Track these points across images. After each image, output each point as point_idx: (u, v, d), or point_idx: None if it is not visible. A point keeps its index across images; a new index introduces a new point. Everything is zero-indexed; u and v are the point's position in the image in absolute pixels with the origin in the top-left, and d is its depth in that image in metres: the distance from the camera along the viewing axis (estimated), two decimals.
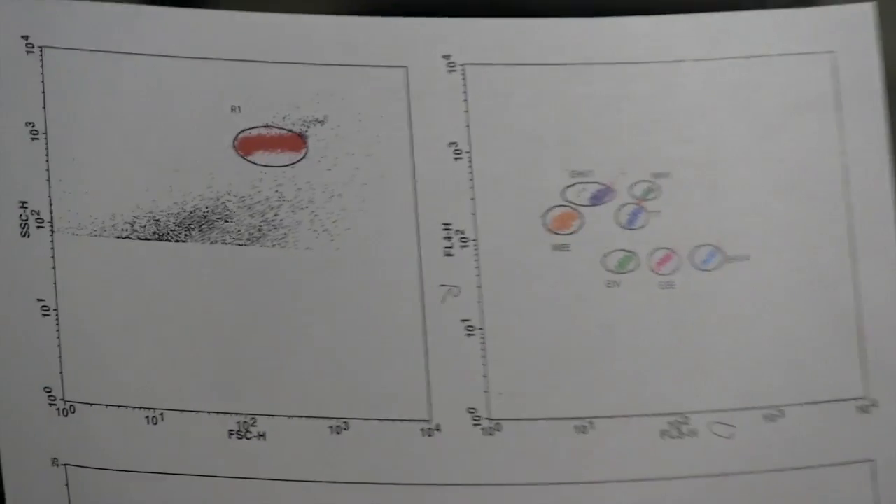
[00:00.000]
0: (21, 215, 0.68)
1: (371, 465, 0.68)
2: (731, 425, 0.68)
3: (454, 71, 0.71)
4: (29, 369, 0.66)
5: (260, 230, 0.68)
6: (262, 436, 0.67)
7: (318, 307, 0.68)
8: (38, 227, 0.68)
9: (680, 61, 0.73)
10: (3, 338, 0.67)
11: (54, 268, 0.67)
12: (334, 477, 0.68)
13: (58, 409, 0.67)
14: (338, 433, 0.67)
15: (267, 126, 0.68)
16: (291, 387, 0.68)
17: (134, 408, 0.67)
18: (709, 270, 0.70)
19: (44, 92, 0.69)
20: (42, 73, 0.69)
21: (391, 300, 0.68)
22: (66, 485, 0.67)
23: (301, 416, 0.68)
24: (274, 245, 0.68)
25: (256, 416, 0.68)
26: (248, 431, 0.68)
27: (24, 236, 0.67)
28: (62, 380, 0.67)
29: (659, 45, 0.72)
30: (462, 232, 0.69)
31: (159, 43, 0.70)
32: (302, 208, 0.68)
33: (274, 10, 0.71)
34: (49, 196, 0.67)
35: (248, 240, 0.68)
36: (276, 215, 0.68)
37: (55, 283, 0.67)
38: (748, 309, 0.72)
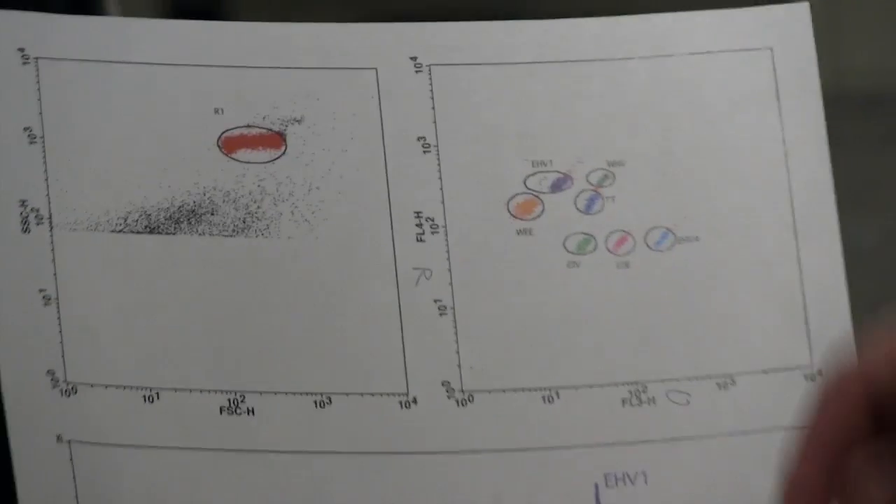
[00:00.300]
0: (21, 213, 0.70)
1: (353, 436, 0.70)
2: (687, 393, 0.70)
3: (421, 71, 0.73)
4: (33, 354, 0.69)
5: (244, 222, 0.70)
6: (251, 411, 0.70)
7: (301, 291, 0.70)
8: (38, 223, 0.70)
9: (629, 59, 0.75)
10: (9, 326, 0.69)
11: (54, 260, 0.70)
12: (319, 447, 0.70)
13: (61, 391, 0.69)
14: (322, 407, 0.70)
15: (248, 126, 0.71)
16: (277, 365, 0.70)
17: (132, 387, 0.69)
18: (661, 251, 0.73)
19: (40, 99, 0.71)
20: (38, 82, 0.71)
21: (368, 283, 0.71)
22: (70, 459, 0.69)
23: (287, 393, 0.70)
24: (258, 235, 0.70)
25: (245, 393, 0.70)
26: (237, 407, 0.70)
27: (24, 232, 0.70)
28: (64, 363, 0.69)
29: (609, 45, 0.75)
30: (432, 219, 0.72)
31: (147, 52, 0.72)
32: (283, 201, 0.70)
33: (260, 19, 0.74)
34: (47, 195, 0.70)
35: (233, 231, 0.70)
36: (258, 208, 0.70)
37: (55, 275, 0.70)
38: (699, 286, 0.75)
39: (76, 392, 0.70)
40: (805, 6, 0.76)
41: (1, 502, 0.73)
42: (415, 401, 0.71)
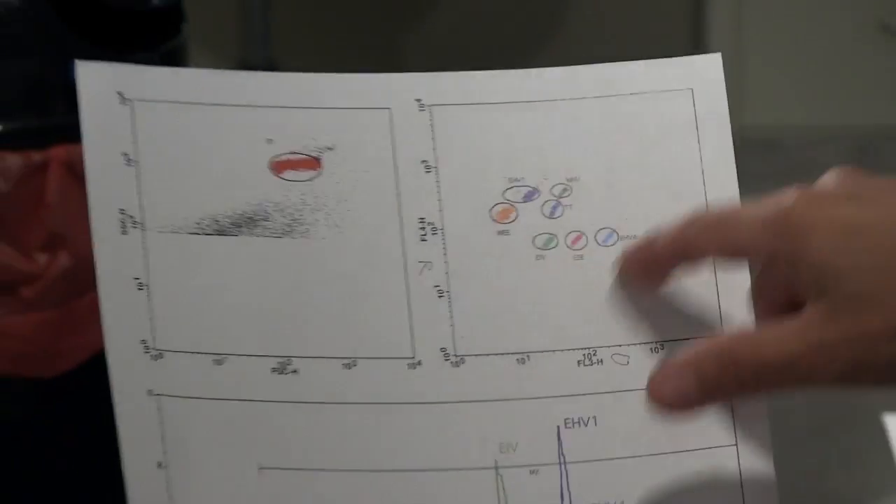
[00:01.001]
0: (120, 219, 0.76)
1: (373, 391, 0.76)
2: (627, 355, 0.76)
3: (423, 110, 0.78)
4: (129, 328, 0.75)
5: (289, 226, 0.76)
6: (295, 371, 0.76)
7: (332, 279, 0.76)
8: (133, 227, 0.76)
9: (583, 98, 0.80)
10: (111, 307, 0.75)
11: (145, 256, 0.76)
12: (347, 400, 0.76)
13: (150, 356, 0.75)
14: (349, 368, 0.76)
15: (293, 153, 0.77)
16: (315, 335, 0.76)
17: (204, 353, 0.76)
18: (608, 247, 0.78)
19: (134, 131, 0.77)
20: (133, 118, 0.77)
21: (384, 273, 0.77)
22: (158, 408, 0.75)
23: (322, 357, 0.76)
24: (300, 236, 0.76)
25: (291, 357, 0.76)
26: (284, 369, 0.76)
27: (123, 234, 0.76)
28: (153, 334, 0.75)
29: (568, 88, 0.80)
30: (432, 224, 0.77)
31: (214, 95, 0.78)
32: (319, 210, 0.76)
33: (301, 70, 0.80)
34: (140, 205, 0.76)
35: (281, 233, 0.76)
36: (301, 216, 0.76)
37: (146, 267, 0.76)
38: None
39: (162, 357, 0.76)
40: (718, 56, 0.81)
41: (108, 442, 0.76)
42: (419, 363, 0.76)
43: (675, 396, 0.70)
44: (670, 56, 0.86)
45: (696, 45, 2.72)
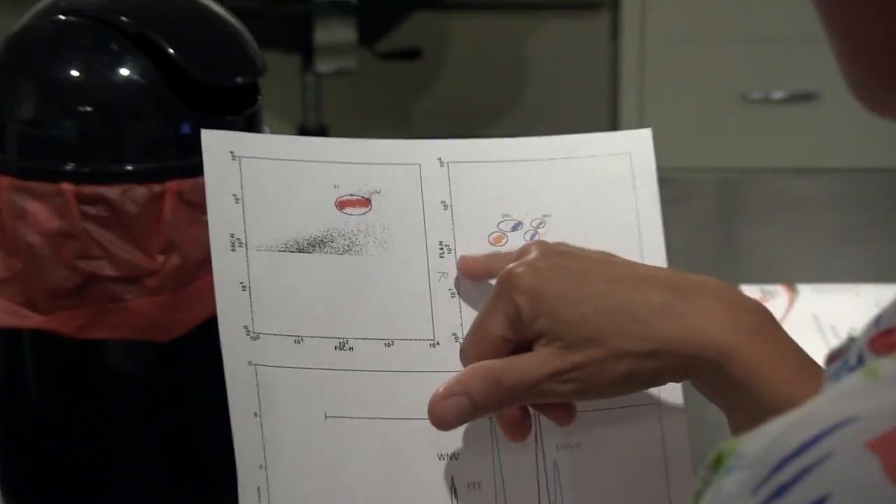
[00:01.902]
0: (231, 240, 0.76)
1: (405, 363, 0.76)
2: None
3: (443, 166, 0.79)
4: (236, 317, 0.75)
5: (348, 247, 0.77)
6: (351, 349, 0.76)
7: (377, 286, 0.77)
8: (239, 246, 0.76)
9: (553, 159, 0.81)
10: (224, 302, 0.75)
11: (247, 267, 0.76)
12: (387, 368, 0.76)
13: (251, 337, 0.75)
14: (389, 347, 0.76)
15: (351, 194, 0.78)
16: (365, 324, 0.77)
17: (288, 335, 0.76)
18: None
19: (241, 178, 0.77)
20: (240, 170, 0.77)
21: (414, 281, 0.78)
22: (255, 374, 0.75)
23: (370, 339, 0.77)
24: (355, 254, 0.77)
25: (348, 339, 0.76)
26: (343, 347, 0.76)
27: (232, 251, 0.76)
28: (252, 321, 0.75)
29: (542, 151, 0.81)
30: (448, 246, 0.78)
31: (298, 154, 0.79)
32: (369, 235, 0.77)
33: (343, 130, 0.84)
34: (244, 230, 0.76)
35: (342, 252, 0.77)
36: (356, 239, 0.77)
37: (248, 274, 0.76)
38: None
39: (258, 338, 0.76)
40: (649, 131, 0.81)
41: (219, 401, 0.75)
42: (438, 343, 0.77)
43: (453, 415, 0.71)
44: (597, 127, 0.89)
45: (613, 121, 2.73)
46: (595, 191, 0.79)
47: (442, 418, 0.70)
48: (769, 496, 0.42)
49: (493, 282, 0.75)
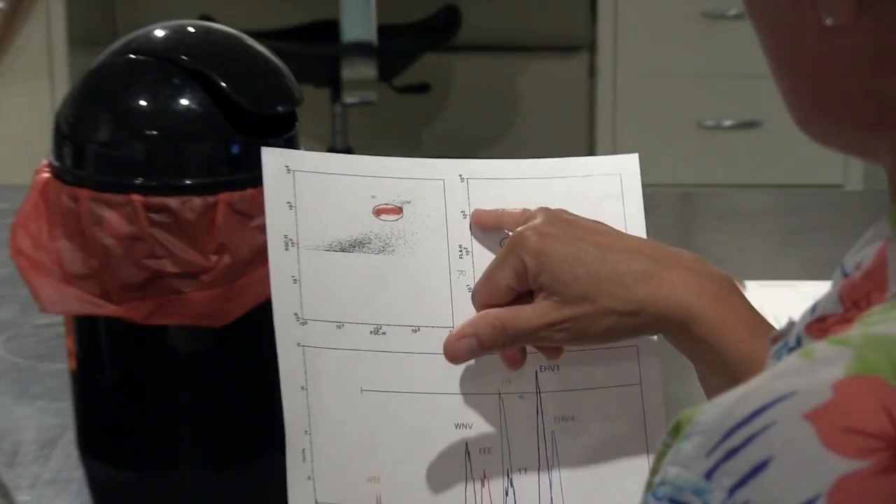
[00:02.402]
0: (284, 241, 0.75)
1: (429, 346, 0.74)
2: None
3: (463, 181, 0.77)
4: (288, 305, 0.73)
5: (383, 248, 0.75)
6: (384, 333, 0.74)
7: (407, 281, 0.76)
8: (291, 246, 0.74)
9: (555, 178, 0.79)
10: (278, 292, 0.73)
11: (298, 263, 0.74)
12: (414, 350, 0.75)
13: (300, 322, 0.74)
14: (415, 332, 0.75)
15: (386, 203, 0.76)
16: (396, 313, 0.75)
17: (330, 321, 0.74)
18: None
19: (294, 188, 0.75)
20: (294, 181, 0.76)
21: (437, 277, 0.76)
22: (303, 354, 0.74)
23: (400, 325, 0.75)
24: (389, 254, 0.76)
25: (382, 325, 0.75)
26: (378, 332, 0.75)
27: (286, 250, 0.74)
28: (302, 309, 0.74)
29: (545, 171, 0.80)
30: (466, 248, 0.76)
31: (341, 168, 0.77)
32: (400, 238, 0.76)
33: (388, 154, 0.80)
34: (296, 233, 0.74)
35: (377, 252, 0.75)
36: (390, 241, 0.75)
37: (299, 270, 0.74)
38: None
39: (306, 323, 0.75)
40: (636, 156, 0.80)
41: (264, 376, 0.76)
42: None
43: (464, 352, 0.70)
44: (576, 150, 0.91)
45: (590, 146, 2.72)
46: (590, 204, 0.78)
47: (454, 354, 0.71)
48: (721, 458, 0.42)
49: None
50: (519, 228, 0.71)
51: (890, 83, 0.48)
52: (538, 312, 0.69)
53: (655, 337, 0.75)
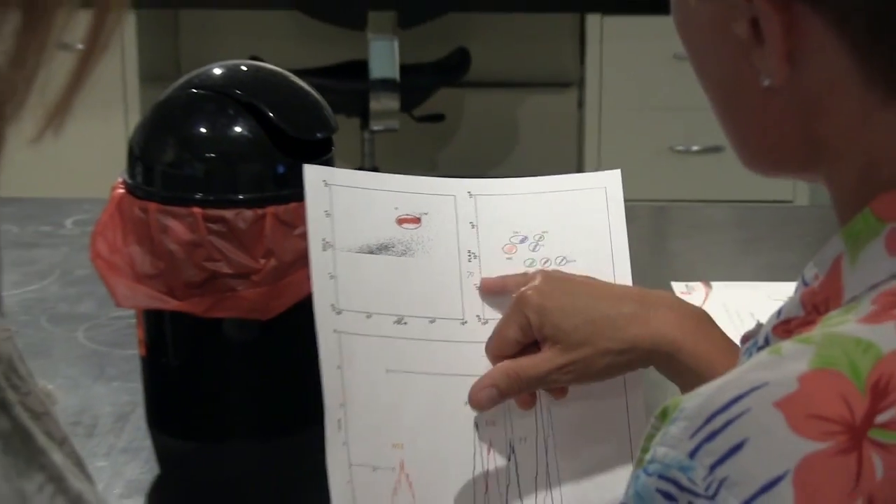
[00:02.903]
0: (323, 244, 0.73)
1: (443, 335, 0.73)
2: None
3: (472, 197, 0.75)
4: (326, 297, 0.72)
5: (404, 251, 0.74)
6: (405, 323, 0.73)
7: (425, 279, 0.74)
8: (329, 248, 0.72)
9: (550, 192, 0.77)
10: (318, 286, 0.71)
11: (334, 263, 0.72)
12: (430, 338, 0.74)
13: (335, 312, 0.72)
14: (432, 323, 0.73)
15: (407, 214, 0.74)
16: (416, 305, 0.74)
17: (360, 312, 0.73)
18: (563, 266, 0.74)
19: (331, 200, 0.74)
20: (330, 193, 0.74)
21: (449, 277, 0.74)
22: (338, 339, 0.72)
23: (419, 317, 0.74)
24: (409, 256, 0.74)
25: (404, 316, 0.73)
26: (400, 322, 0.73)
27: (324, 251, 0.72)
28: (337, 300, 0.72)
29: (542, 187, 0.78)
30: (474, 253, 0.75)
31: (370, 184, 0.76)
32: (419, 244, 0.74)
33: (408, 173, 0.78)
34: (333, 237, 0.73)
35: (400, 255, 0.74)
36: (410, 246, 0.74)
37: (335, 268, 0.72)
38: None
39: (341, 313, 0.73)
40: (619, 171, 0.78)
41: (304, 357, 0.74)
42: (466, 322, 0.74)
43: (486, 401, 0.69)
44: (567, 171, 0.87)
45: (579, 167, 2.71)
46: (579, 214, 0.76)
47: (479, 404, 0.69)
48: (703, 440, 0.41)
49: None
50: (521, 289, 0.69)
51: (821, 129, 0.48)
52: (546, 359, 0.68)
53: None
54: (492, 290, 0.73)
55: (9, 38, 0.36)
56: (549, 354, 0.67)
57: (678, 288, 1.24)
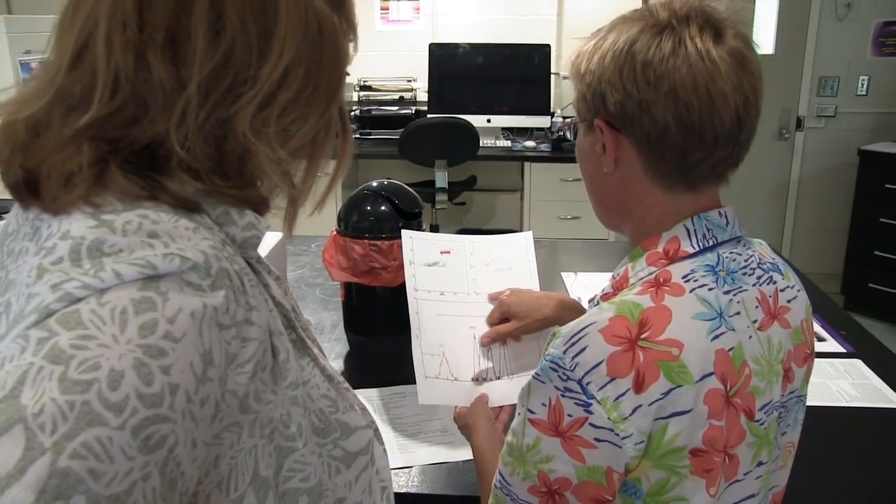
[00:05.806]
0: (409, 261, 0.82)
1: (460, 299, 0.83)
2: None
3: (472, 243, 0.81)
4: (411, 283, 0.78)
5: (444, 265, 0.84)
6: (443, 294, 0.82)
7: (452, 277, 0.85)
8: (410, 264, 0.76)
9: (496, 241, 0.88)
10: (408, 278, 0.77)
11: (414, 270, 0.77)
12: (456, 301, 0.85)
13: (414, 289, 0.77)
14: (455, 294, 0.81)
15: (443, 250, 0.84)
16: (447, 286, 0.84)
17: (423, 290, 0.82)
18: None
19: (412, 244, 0.80)
20: (412, 241, 0.82)
21: (464, 276, 0.85)
22: (416, 300, 0.79)
23: (449, 292, 0.85)
24: (442, 267, 0.83)
25: (444, 291, 0.80)
26: (441, 294, 0.79)
27: (410, 264, 0.77)
28: (415, 284, 0.79)
29: (504, 239, 0.90)
30: (475, 268, 0.83)
31: (427, 237, 0.85)
32: (448, 264, 0.82)
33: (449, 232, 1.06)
34: (413, 258, 0.76)
35: (441, 266, 0.82)
36: (445, 264, 0.83)
37: (414, 272, 0.77)
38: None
39: (417, 290, 0.80)
40: (531, 232, 0.88)
41: (406, 305, 0.82)
42: (469, 295, 0.85)
43: (486, 341, 0.73)
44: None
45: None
46: (517, 248, 0.91)
47: (483, 343, 0.80)
48: (568, 345, 0.58)
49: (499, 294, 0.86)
50: (502, 297, 0.87)
51: (627, 199, 0.65)
52: (511, 325, 0.86)
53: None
54: (490, 297, 0.89)
55: (300, 171, 0.50)
56: (513, 322, 0.86)
57: (566, 275, 1.59)
